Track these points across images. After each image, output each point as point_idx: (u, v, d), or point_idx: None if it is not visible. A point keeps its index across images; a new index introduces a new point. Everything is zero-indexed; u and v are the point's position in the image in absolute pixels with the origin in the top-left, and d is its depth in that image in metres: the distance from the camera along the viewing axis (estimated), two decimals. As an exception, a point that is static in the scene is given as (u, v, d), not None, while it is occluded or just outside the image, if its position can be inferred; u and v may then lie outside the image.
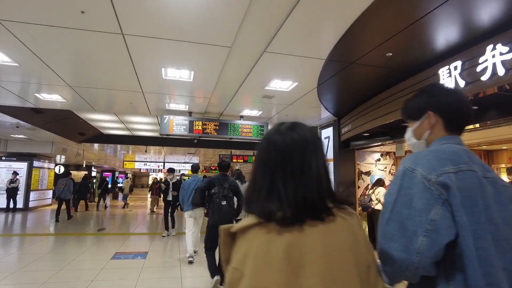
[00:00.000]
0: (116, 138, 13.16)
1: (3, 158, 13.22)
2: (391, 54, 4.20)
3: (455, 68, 3.90)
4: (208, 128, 7.37)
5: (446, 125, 1.09)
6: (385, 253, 0.91)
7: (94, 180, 20.13)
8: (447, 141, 1.05)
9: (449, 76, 3.98)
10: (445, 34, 3.73)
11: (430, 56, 4.23)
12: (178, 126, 7.21)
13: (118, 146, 15.95)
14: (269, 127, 7.99)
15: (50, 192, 15.43)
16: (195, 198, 4.48)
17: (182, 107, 7.05)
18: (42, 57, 4.45)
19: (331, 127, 8.28)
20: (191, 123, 7.29)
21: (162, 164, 22.96)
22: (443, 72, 4.10)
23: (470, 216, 0.87)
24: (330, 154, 8.26)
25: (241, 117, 7.79)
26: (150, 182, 31.05)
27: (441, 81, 4.10)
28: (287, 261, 0.77)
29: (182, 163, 22.94)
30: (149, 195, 16.85)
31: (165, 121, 7.16)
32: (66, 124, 10.34)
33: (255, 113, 7.51)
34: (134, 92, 6.02)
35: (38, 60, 4.53)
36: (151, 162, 22.90)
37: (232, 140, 7.73)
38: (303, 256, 0.78)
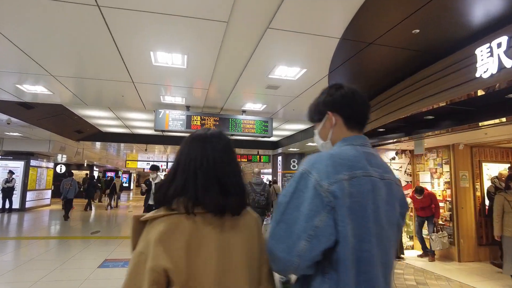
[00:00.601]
0: (115, 136, 12.60)
1: (0, 157, 12.73)
2: (418, 31, 3.50)
3: (499, 45, 3.18)
4: (207, 124, 6.73)
5: (346, 124, 1.10)
6: (272, 252, 0.94)
7: (104, 180, 19.64)
8: (350, 142, 1.06)
9: (490, 56, 3.27)
10: (486, 4, 3.04)
11: (465, 33, 3.53)
12: (174, 121, 6.58)
13: (122, 145, 15.42)
14: (273, 123, 7.31)
15: (49, 192, 14.93)
16: None
17: (179, 100, 6.42)
18: (11, 39, 3.85)
19: (341, 123, 7.60)
20: (188, 118, 6.65)
21: (166, 163, 22.40)
22: (481, 51, 3.39)
23: (357, 221, 0.90)
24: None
25: (243, 111, 7.13)
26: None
27: (479, 63, 3.40)
28: (186, 249, 0.89)
29: (185, 163, 22.33)
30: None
31: (160, 116, 6.53)
32: (62, 121, 9.78)
33: (258, 107, 6.85)
34: (124, 82, 5.39)
35: (8, 42, 3.92)
36: (154, 161, 22.35)
37: (233, 136, 7.07)
38: (201, 246, 0.91)
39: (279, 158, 15.46)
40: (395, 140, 6.26)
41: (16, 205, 12.43)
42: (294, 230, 0.89)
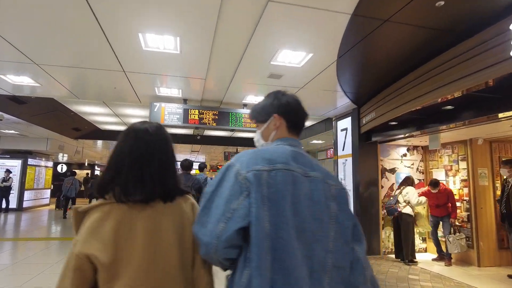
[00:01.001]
0: (114, 134, 12.18)
1: (-4, 155, 12.38)
2: (442, 3, 3.02)
3: (541, 16, 2.71)
4: (206, 118, 6.27)
5: (289, 127, 1.18)
6: (197, 237, 1.00)
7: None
8: (281, 142, 1.13)
9: (530, 30, 2.79)
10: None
11: (498, 6, 3.05)
12: (170, 115, 6.14)
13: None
14: None
15: (48, 191, 14.58)
16: None
17: (175, 92, 5.97)
18: (-17, 18, 3.42)
19: (349, 118, 7.09)
20: (186, 112, 6.20)
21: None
22: (517, 26, 2.91)
23: (274, 210, 0.93)
24: (348, 149, 7.07)
25: (244, 105, 6.66)
26: None
27: (515, 39, 2.91)
28: (115, 234, 0.98)
29: (187, 162, 21.92)
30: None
31: (155, 109, 6.09)
32: (57, 118, 9.38)
33: (260, 100, 6.36)
34: (114, 72, 4.95)
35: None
36: (156, 161, 21.96)
37: (234, 131, 6.59)
38: (131, 231, 0.99)
39: (283, 156, 14.97)
40: (407, 135, 5.76)
41: (13, 204, 12.06)
42: (216, 214, 0.95)
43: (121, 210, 1.01)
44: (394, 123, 5.73)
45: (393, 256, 6.30)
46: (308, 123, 10.13)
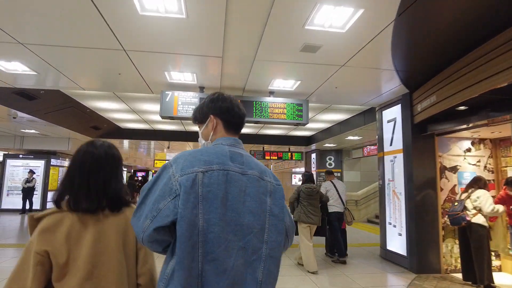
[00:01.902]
0: (135, 132, 11.55)
1: (20, 155, 12.11)
2: None
3: None
4: (225, 108, 5.27)
5: (225, 126, 1.22)
6: (132, 228, 1.08)
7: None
8: (221, 142, 1.17)
9: None
10: None
11: None
12: (184, 105, 5.18)
13: (143, 142, 14.46)
14: (309, 106, 5.70)
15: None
16: None
17: (189, 78, 5.00)
18: None
19: (398, 105, 5.82)
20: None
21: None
22: None
23: (207, 207, 1.00)
24: (397, 144, 5.79)
25: (271, 93, 5.58)
26: None
27: None
28: (66, 238, 1.12)
29: (213, 162, 21.15)
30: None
31: (167, 99, 5.16)
32: (73, 116, 8.77)
33: (289, 85, 5.27)
34: (113, 51, 4.05)
35: None
36: (182, 161, 21.38)
37: (259, 123, 5.54)
38: (80, 236, 1.14)
39: (313, 155, 13.73)
40: (482, 123, 4.43)
41: (37, 205, 11.72)
42: (145, 210, 1.02)
43: (72, 218, 1.16)
44: (462, 108, 4.43)
45: (459, 276, 4.97)
46: (342, 117, 8.89)
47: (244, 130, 11.71)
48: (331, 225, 5.72)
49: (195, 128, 11.45)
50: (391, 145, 6.04)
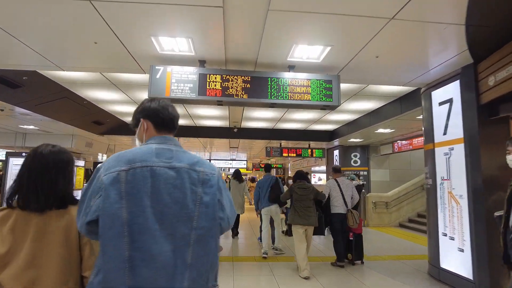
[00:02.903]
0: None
1: (23, 154, 11.32)
2: None
3: None
4: (232, 87, 4.03)
5: (155, 127, 1.33)
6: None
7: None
8: (151, 141, 1.29)
9: None
10: None
11: None
12: (180, 84, 3.99)
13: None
14: (340, 83, 4.36)
15: (79, 192, 13.46)
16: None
17: (184, 46, 3.80)
18: None
19: (455, 83, 4.42)
20: (202, 79, 4.01)
21: (208, 161, 20.33)
22: None
23: (132, 201, 1.11)
24: (456, 132, 4.40)
25: (291, 67, 4.31)
26: None
27: None
28: (11, 232, 1.23)
29: (228, 160, 20.11)
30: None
31: (158, 75, 3.98)
32: (69, 108, 7.79)
33: (316, 53, 3.95)
34: (74, 4, 2.92)
35: None
36: (196, 159, 20.41)
37: (275, 106, 4.26)
38: (24, 231, 1.24)
39: (336, 152, 12.32)
40: None
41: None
42: (82, 207, 1.16)
43: (20, 215, 1.26)
44: None
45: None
46: (373, 105, 7.51)
47: (259, 125, 10.48)
48: (332, 226, 5.24)
49: (206, 122, 10.34)
50: (444, 134, 4.64)
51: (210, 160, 20.37)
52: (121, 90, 6.61)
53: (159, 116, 1.33)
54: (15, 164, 11.14)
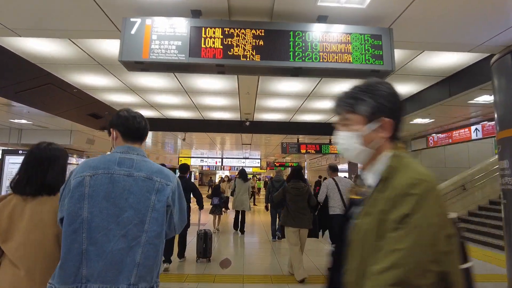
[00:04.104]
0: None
1: (20, 151, 10.38)
2: None
3: None
4: (239, 45, 2.74)
5: (123, 137, 1.47)
6: None
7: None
8: (116, 150, 1.43)
9: None
10: None
11: None
12: (163, 41, 2.73)
13: (158, 134, 12.41)
14: (393, 39, 2.98)
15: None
16: None
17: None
18: None
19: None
20: (195, 34, 2.74)
21: (220, 160, 19.20)
22: None
23: (92, 203, 1.28)
24: None
25: (322, 18, 2.98)
26: (217, 181, 25.54)
27: None
28: (10, 216, 1.45)
29: (241, 159, 18.90)
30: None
31: (132, 31, 2.73)
32: (58, 98, 6.69)
33: (358, -3, 2.65)
34: None
35: None
36: (208, 158, 19.29)
37: (300, 73, 2.92)
38: (21, 214, 1.45)
39: (360, 147, 10.89)
40: None
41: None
42: (59, 205, 1.36)
43: (18, 199, 1.49)
44: None
45: None
46: (412, 88, 6.12)
47: (274, 117, 9.17)
48: (332, 230, 4.84)
49: (214, 115, 9.11)
50: None
51: (222, 158, 19.22)
52: (111, 73, 5.45)
53: (125, 126, 1.46)
54: (12, 163, 10.22)
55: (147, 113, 8.83)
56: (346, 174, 12.77)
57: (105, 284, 1.23)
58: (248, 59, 2.72)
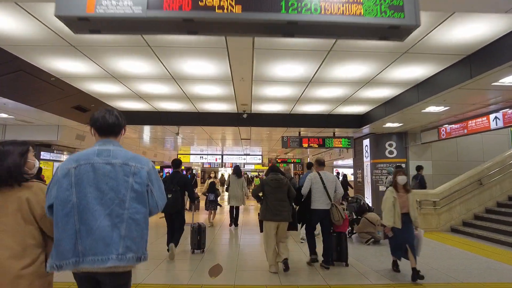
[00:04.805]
0: (134, 115, 8.75)
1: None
2: None
3: None
4: (215, -6, 2.09)
5: (98, 132, 1.71)
6: None
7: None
8: (95, 144, 1.68)
9: None
10: None
11: None
12: (115, -10, 2.08)
13: (148, 128, 11.77)
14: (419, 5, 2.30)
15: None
16: None
17: None
18: None
19: None
20: (157, -20, 2.09)
21: (220, 156, 18.55)
22: None
23: (79, 189, 1.53)
24: None
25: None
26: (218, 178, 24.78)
27: None
28: None
29: (242, 155, 18.23)
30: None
31: (72, -24, 2.09)
32: (33, 87, 6.04)
33: None
34: None
35: None
36: (207, 154, 18.64)
37: (294, 31, 2.22)
38: None
39: (366, 141, 10.17)
40: None
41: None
42: (47, 194, 1.58)
43: None
44: None
45: None
46: (423, 71, 5.43)
47: (273, 108, 8.43)
48: (309, 223, 4.75)
49: (209, 107, 8.41)
50: None
51: (222, 155, 18.57)
52: (86, 56, 4.80)
53: (99, 123, 1.70)
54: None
55: (137, 105, 8.19)
56: (351, 170, 12.04)
57: (97, 256, 1.48)
58: (225, 10, 2.04)
